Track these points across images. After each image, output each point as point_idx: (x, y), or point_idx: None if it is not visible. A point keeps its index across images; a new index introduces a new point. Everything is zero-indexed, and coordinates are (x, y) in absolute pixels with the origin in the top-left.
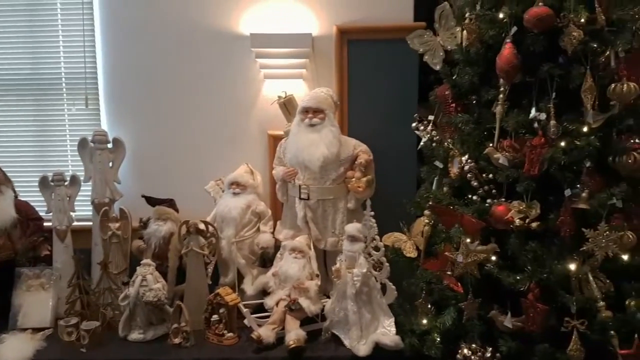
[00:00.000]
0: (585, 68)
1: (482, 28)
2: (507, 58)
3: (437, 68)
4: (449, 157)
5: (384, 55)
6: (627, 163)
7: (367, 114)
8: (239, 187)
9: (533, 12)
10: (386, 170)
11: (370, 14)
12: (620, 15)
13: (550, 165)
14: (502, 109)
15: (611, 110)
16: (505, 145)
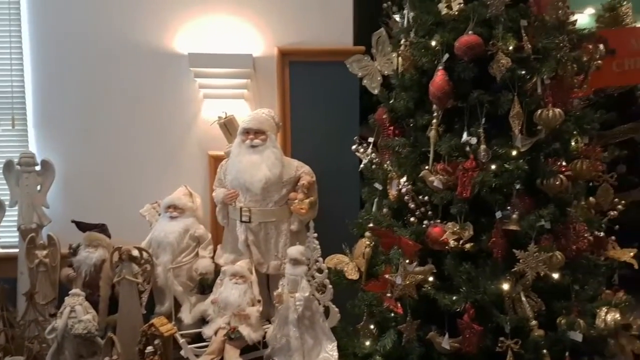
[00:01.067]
0: (513, 95)
1: (416, 55)
2: (439, 85)
3: (375, 92)
4: (387, 179)
5: (325, 77)
6: (555, 185)
7: (310, 135)
8: (176, 211)
9: (463, 40)
10: (329, 191)
11: (311, 37)
12: (545, 44)
13: (481, 188)
14: (436, 133)
15: (538, 135)
16: (439, 168)
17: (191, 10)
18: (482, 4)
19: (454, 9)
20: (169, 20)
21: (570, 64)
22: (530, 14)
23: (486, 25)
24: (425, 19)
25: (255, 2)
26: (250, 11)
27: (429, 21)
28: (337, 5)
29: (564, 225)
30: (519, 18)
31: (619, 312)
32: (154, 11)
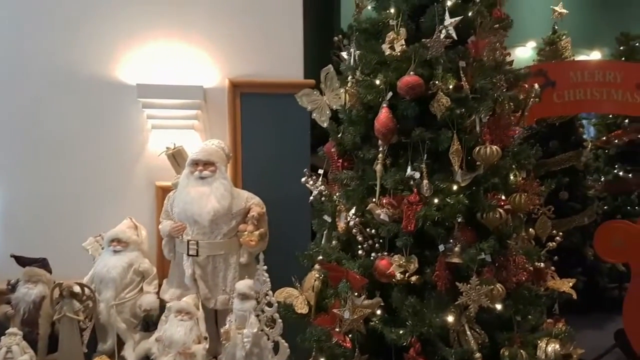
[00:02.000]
0: (453, 132)
1: (361, 93)
2: (384, 122)
3: (324, 125)
4: (336, 212)
5: (276, 108)
6: (494, 218)
7: (261, 166)
8: (120, 244)
9: (405, 81)
10: (280, 223)
11: (262, 69)
12: (482, 84)
13: (424, 221)
14: (382, 167)
15: (477, 171)
16: (385, 202)
17: (141, 41)
18: (423, 45)
19: (397, 50)
20: (117, 50)
21: (507, 103)
22: (469, 55)
23: (427, 65)
24: (370, 58)
25: (208, 34)
26: (202, 42)
27: (374, 60)
28: (288, 39)
29: (505, 258)
30: (457, 59)
31: (559, 343)
32: (100, 41)
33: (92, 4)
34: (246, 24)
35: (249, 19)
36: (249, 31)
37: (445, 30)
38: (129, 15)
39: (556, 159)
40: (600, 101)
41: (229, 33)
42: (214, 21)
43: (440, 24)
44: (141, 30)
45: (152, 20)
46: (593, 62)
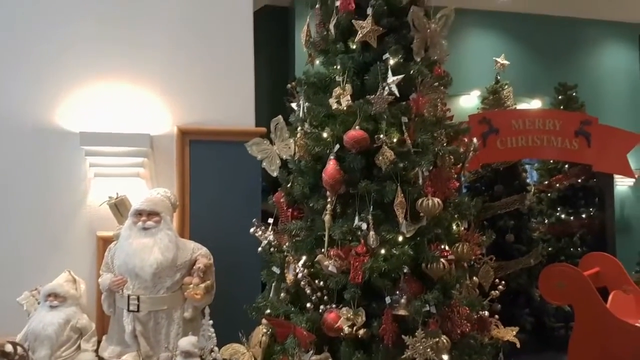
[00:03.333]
0: (397, 185)
1: (309, 144)
2: (331, 173)
3: (274, 175)
4: (285, 263)
5: (227, 156)
6: (438, 269)
7: (210, 215)
8: (57, 299)
9: (350, 135)
10: (228, 274)
11: (213, 117)
12: (424, 139)
13: (371, 273)
14: (330, 217)
15: (421, 222)
16: (332, 253)
17: (86, 85)
18: (368, 101)
19: (343, 105)
20: (59, 95)
21: (448, 156)
22: (411, 111)
23: (372, 120)
24: (318, 111)
25: (157, 80)
26: (151, 89)
27: (322, 113)
28: (239, 87)
29: (449, 308)
30: (400, 115)
31: None
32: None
33: (33, 45)
34: (197, 71)
35: (200, 66)
36: (200, 78)
37: (388, 87)
38: (73, 58)
39: (502, 202)
40: (541, 147)
41: (179, 80)
42: (163, 67)
43: (383, 82)
44: (86, 75)
45: (98, 64)
46: (533, 110)
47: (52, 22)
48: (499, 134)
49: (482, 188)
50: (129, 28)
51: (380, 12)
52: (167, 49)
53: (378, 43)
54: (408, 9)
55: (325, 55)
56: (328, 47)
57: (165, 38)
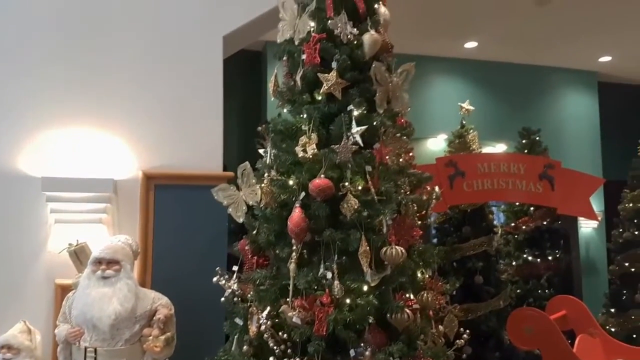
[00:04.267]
0: (361, 233)
1: (275, 192)
2: (296, 221)
3: (240, 221)
4: (248, 314)
5: (193, 201)
6: (402, 319)
7: (173, 263)
8: (10, 351)
9: (315, 183)
10: (191, 325)
11: (179, 161)
12: (387, 187)
13: (336, 324)
14: (295, 266)
15: (385, 271)
16: (297, 304)
17: (48, 129)
18: (333, 150)
19: (309, 153)
20: (21, 140)
21: (411, 204)
22: (374, 160)
23: (338, 168)
24: (285, 158)
25: (122, 124)
26: (116, 134)
27: (288, 161)
28: (207, 131)
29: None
30: (364, 164)
31: None
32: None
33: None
34: (165, 114)
35: (168, 109)
36: (167, 122)
37: (352, 137)
38: (37, 102)
39: (470, 243)
40: (507, 190)
41: (146, 123)
42: (130, 110)
43: (348, 132)
44: (50, 119)
45: (63, 108)
46: (498, 154)
47: (17, 66)
48: (465, 176)
49: (451, 229)
50: (95, 72)
51: (345, 66)
52: (134, 91)
53: (342, 95)
54: (371, 63)
55: (292, 105)
56: (295, 97)
57: (132, 80)
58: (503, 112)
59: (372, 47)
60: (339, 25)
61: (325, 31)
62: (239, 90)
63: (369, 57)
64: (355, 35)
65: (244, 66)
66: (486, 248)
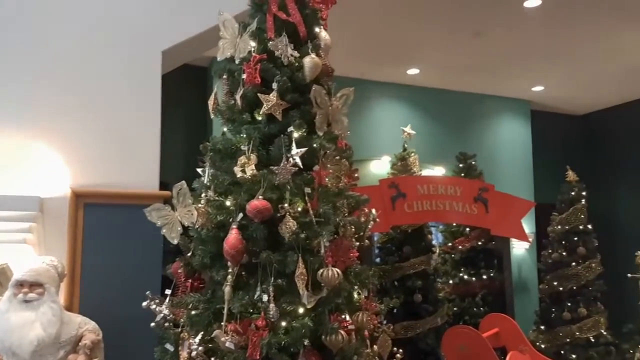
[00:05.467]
0: (298, 255)
1: (212, 212)
2: (233, 243)
3: (174, 242)
4: (180, 339)
5: (126, 221)
6: (337, 341)
7: (103, 285)
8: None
9: (253, 205)
10: (121, 351)
11: (113, 179)
12: (325, 210)
13: (269, 348)
14: (231, 289)
15: (321, 293)
16: (230, 329)
17: None
18: (272, 171)
19: (248, 173)
20: None
21: (349, 226)
22: (313, 182)
23: (277, 189)
24: (223, 178)
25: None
26: (44, 149)
27: (227, 181)
28: (143, 148)
29: None
30: (303, 186)
31: None
32: None
33: None
34: (98, 130)
35: (102, 125)
36: (101, 138)
37: (292, 158)
38: None
39: (410, 262)
40: (444, 212)
41: (77, 139)
42: (61, 125)
43: (287, 153)
44: None
45: None
46: (437, 177)
47: None
48: (406, 198)
49: (393, 249)
50: (24, 81)
51: (285, 88)
52: (66, 104)
53: (283, 116)
54: (311, 86)
55: (232, 124)
56: (235, 116)
57: (65, 92)
58: (442, 137)
59: (313, 70)
60: (279, 47)
61: (266, 52)
62: (185, 106)
63: (309, 80)
64: (296, 58)
65: (189, 81)
66: (425, 267)
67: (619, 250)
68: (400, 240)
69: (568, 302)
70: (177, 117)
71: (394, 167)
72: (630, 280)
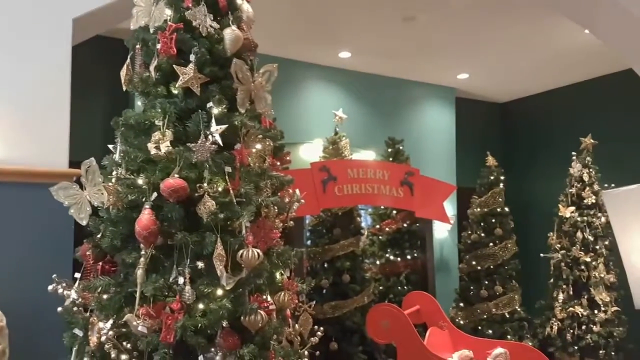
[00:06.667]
0: (216, 236)
1: (123, 191)
2: (145, 224)
3: (83, 223)
4: (89, 324)
5: (32, 201)
6: (256, 321)
7: (7, 269)
8: None
9: (168, 184)
10: (27, 338)
11: (16, 155)
12: (247, 190)
13: (184, 331)
14: (143, 272)
15: (241, 274)
16: (142, 312)
17: None
18: (189, 149)
19: (162, 150)
20: None
21: (272, 207)
22: (234, 161)
23: (196, 168)
24: (136, 155)
25: None
26: None
27: (140, 158)
28: (51, 122)
29: None
30: (223, 165)
31: None
32: None
33: None
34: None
35: (5, 95)
36: (3, 109)
37: (211, 136)
38: None
39: (340, 244)
40: (373, 195)
41: None
42: None
43: (206, 130)
44: None
45: None
46: (366, 161)
47: None
48: (337, 181)
49: (323, 231)
50: None
51: (203, 61)
52: None
53: (201, 91)
54: (232, 60)
55: (147, 97)
56: (149, 89)
57: None
58: (372, 121)
59: (234, 43)
60: (198, 16)
61: (183, 21)
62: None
63: (230, 54)
64: (216, 30)
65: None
66: (354, 248)
67: (533, 231)
68: (331, 223)
69: (485, 280)
70: (96, 93)
71: (325, 151)
72: (542, 259)
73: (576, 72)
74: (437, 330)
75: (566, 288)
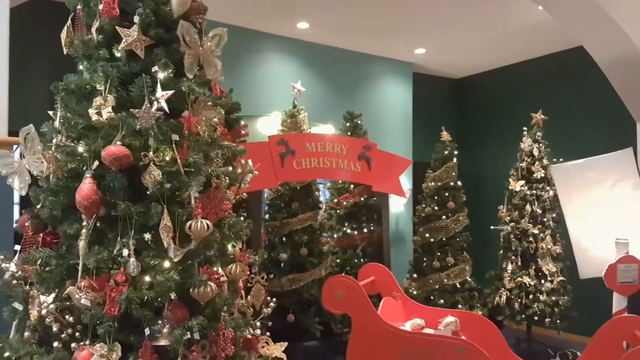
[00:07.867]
0: (162, 207)
1: (62, 160)
2: (86, 194)
3: (22, 193)
4: (30, 297)
5: None
6: (205, 293)
7: None
8: None
9: (109, 151)
10: None
11: None
12: (196, 159)
13: (129, 303)
14: (85, 244)
15: (190, 245)
16: (84, 285)
17: None
18: (132, 115)
19: (104, 116)
20: None
21: (223, 177)
22: (182, 129)
23: (140, 135)
24: (76, 121)
25: None
26: None
27: (80, 125)
28: None
29: (216, 332)
30: (170, 133)
31: None
32: None
33: None
34: None
35: None
36: None
37: (156, 102)
38: None
39: (298, 218)
40: (331, 169)
41: None
42: None
43: (150, 95)
44: None
45: None
46: (325, 135)
47: None
48: (295, 155)
49: (281, 205)
50: None
51: (148, 22)
52: None
53: (146, 54)
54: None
55: (88, 61)
56: (90, 52)
57: None
58: (331, 95)
59: (181, 4)
60: None
61: None
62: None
63: (177, 16)
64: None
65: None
66: (312, 222)
67: (484, 204)
68: (289, 197)
69: (438, 252)
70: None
71: (283, 124)
72: (492, 231)
73: (529, 49)
74: (390, 300)
75: (515, 259)
